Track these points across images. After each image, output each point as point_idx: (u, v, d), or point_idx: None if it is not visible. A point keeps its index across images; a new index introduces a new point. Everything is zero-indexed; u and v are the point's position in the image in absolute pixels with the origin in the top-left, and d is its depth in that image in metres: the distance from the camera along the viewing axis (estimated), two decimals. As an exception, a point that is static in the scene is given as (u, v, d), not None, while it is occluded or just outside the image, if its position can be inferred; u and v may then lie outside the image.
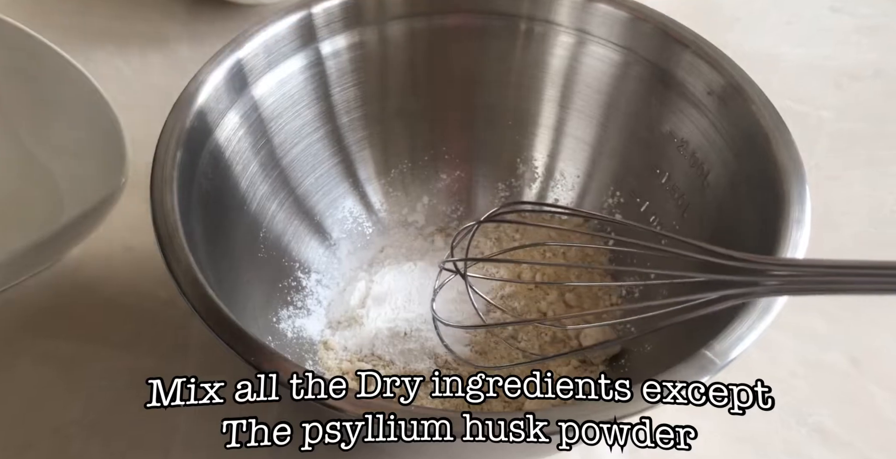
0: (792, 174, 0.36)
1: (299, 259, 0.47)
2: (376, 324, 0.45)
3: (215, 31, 0.60)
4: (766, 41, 0.65)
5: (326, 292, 0.48)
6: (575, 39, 0.45)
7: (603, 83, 0.46)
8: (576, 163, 0.50)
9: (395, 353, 0.44)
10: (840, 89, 0.62)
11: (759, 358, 0.44)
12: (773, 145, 0.37)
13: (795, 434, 0.43)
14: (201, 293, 0.31)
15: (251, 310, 0.40)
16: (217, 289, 0.32)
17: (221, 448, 0.27)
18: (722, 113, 0.40)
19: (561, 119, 0.49)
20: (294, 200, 0.46)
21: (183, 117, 0.37)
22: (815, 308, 0.48)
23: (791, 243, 0.33)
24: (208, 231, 0.37)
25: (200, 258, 0.33)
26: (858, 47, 0.65)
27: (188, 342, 0.45)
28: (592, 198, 0.50)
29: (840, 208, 0.51)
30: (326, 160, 0.48)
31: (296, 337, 0.44)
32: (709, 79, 0.40)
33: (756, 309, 0.31)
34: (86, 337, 0.46)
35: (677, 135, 0.43)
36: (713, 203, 0.41)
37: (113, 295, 0.48)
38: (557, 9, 0.44)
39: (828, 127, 0.59)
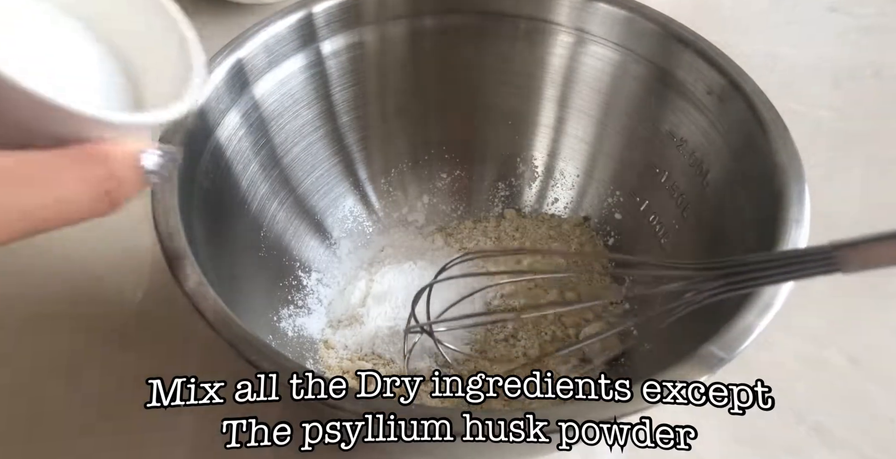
0: (791, 173, 0.36)
1: (300, 258, 0.47)
2: (377, 323, 0.45)
3: (215, 30, 0.60)
4: (766, 41, 0.65)
5: (327, 291, 0.48)
6: (575, 39, 0.45)
7: (603, 83, 0.46)
8: (575, 162, 0.50)
9: (395, 352, 0.44)
10: (839, 89, 0.62)
11: (759, 358, 0.44)
12: (772, 145, 0.37)
13: (795, 433, 0.43)
14: (202, 292, 0.31)
15: (252, 309, 0.40)
16: (218, 288, 0.32)
17: (222, 448, 0.27)
18: (721, 112, 0.40)
19: (561, 118, 0.49)
20: (294, 199, 0.46)
21: (183, 117, 0.37)
22: (815, 307, 0.48)
23: (790, 242, 0.33)
24: (209, 230, 0.37)
25: (201, 257, 0.33)
26: (857, 47, 0.65)
27: (189, 341, 0.45)
28: (592, 197, 0.50)
29: (839, 208, 0.51)
30: (326, 159, 0.48)
31: (296, 336, 0.44)
32: (708, 78, 0.40)
33: (757, 307, 0.31)
34: (86, 336, 0.46)
35: (677, 134, 0.43)
36: (712, 202, 0.41)
37: (113, 294, 0.48)
38: (557, 8, 0.44)
39: (827, 126, 0.59)
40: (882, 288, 0.49)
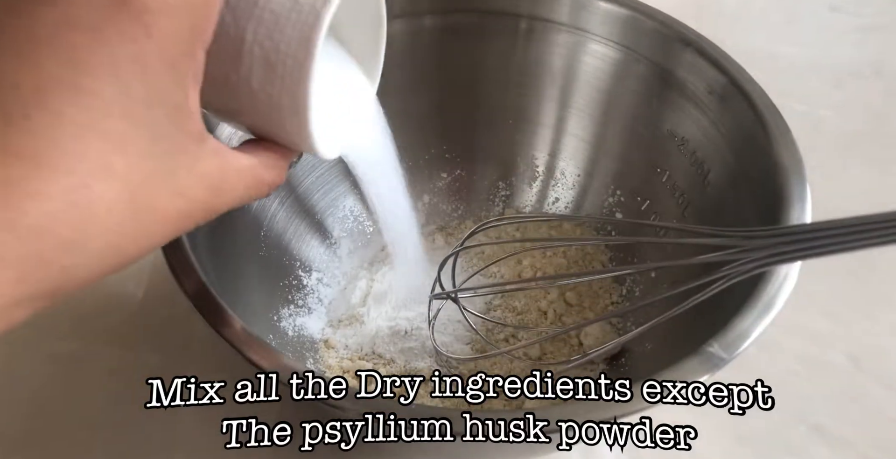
0: (792, 173, 0.36)
1: (300, 257, 0.47)
2: (377, 323, 0.45)
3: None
4: (767, 40, 0.65)
5: (327, 290, 0.48)
6: (575, 38, 0.45)
7: (603, 82, 0.46)
8: (576, 161, 0.50)
9: (395, 351, 0.44)
10: (840, 88, 0.62)
11: (759, 358, 0.44)
12: (773, 144, 0.37)
13: (795, 433, 0.43)
14: (203, 291, 0.31)
15: (252, 309, 0.40)
16: (218, 288, 0.32)
17: (221, 448, 0.27)
18: (722, 112, 0.40)
19: (561, 118, 0.49)
20: (295, 199, 0.46)
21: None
22: (815, 307, 0.48)
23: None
24: (210, 230, 0.37)
25: (202, 257, 0.33)
26: (858, 46, 0.65)
27: (190, 341, 0.45)
28: (593, 196, 0.50)
29: (840, 207, 0.51)
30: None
31: (297, 336, 0.44)
32: (709, 78, 0.40)
33: (757, 307, 0.31)
34: (86, 336, 0.46)
35: (678, 133, 0.43)
36: (713, 202, 0.41)
37: (113, 294, 0.48)
38: (558, 7, 0.44)
39: (828, 126, 0.59)
40: (882, 288, 0.49)
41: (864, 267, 0.49)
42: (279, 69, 0.24)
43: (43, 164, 0.18)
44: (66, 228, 0.19)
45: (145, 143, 0.20)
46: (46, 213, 0.18)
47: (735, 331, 0.30)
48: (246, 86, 0.24)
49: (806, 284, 0.32)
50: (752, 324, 0.30)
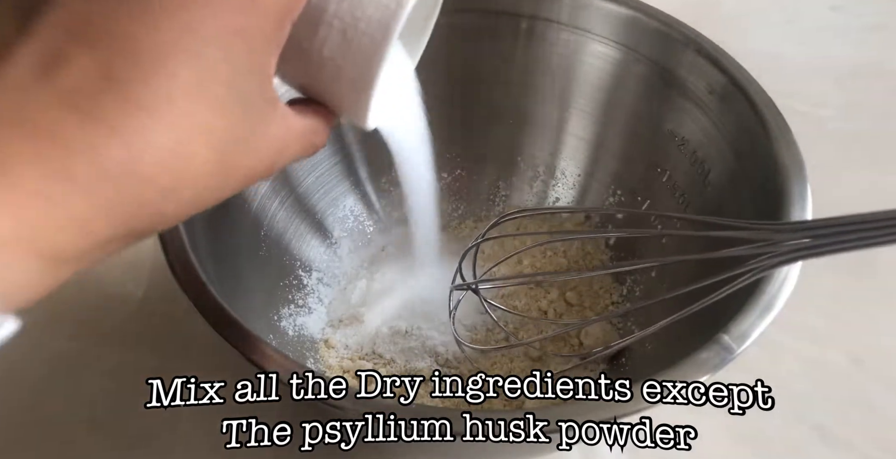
0: (793, 173, 0.36)
1: (300, 257, 0.47)
2: (377, 323, 0.45)
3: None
4: (767, 40, 0.65)
5: (327, 290, 0.48)
6: (576, 38, 0.45)
7: (604, 82, 0.46)
8: (577, 161, 0.50)
9: (395, 351, 0.44)
10: (841, 88, 0.61)
11: (759, 358, 0.44)
12: (774, 144, 0.37)
13: (795, 433, 0.43)
14: (203, 291, 0.31)
15: (252, 309, 0.40)
16: (219, 288, 0.32)
17: (222, 448, 0.27)
18: (723, 112, 0.40)
19: (562, 118, 0.49)
20: (295, 199, 0.46)
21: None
22: (815, 307, 0.48)
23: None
24: (210, 230, 0.37)
25: (202, 256, 0.33)
26: (859, 46, 0.65)
27: (190, 341, 0.45)
28: (593, 196, 0.50)
29: (841, 207, 0.51)
30: (327, 159, 0.48)
31: (297, 336, 0.44)
32: (710, 77, 0.40)
33: (758, 307, 0.31)
34: (86, 336, 0.46)
35: (678, 133, 0.43)
36: (714, 202, 0.41)
37: (113, 294, 0.48)
38: (559, 7, 0.44)
39: (829, 126, 0.59)
40: (883, 288, 0.49)
41: (865, 266, 0.49)
42: (354, 45, 0.25)
43: (156, 117, 0.20)
44: (167, 177, 0.21)
45: (240, 109, 0.22)
46: (156, 162, 0.20)
47: (735, 331, 0.30)
48: (317, 54, 0.25)
49: (806, 284, 0.32)
50: (752, 324, 0.30)
